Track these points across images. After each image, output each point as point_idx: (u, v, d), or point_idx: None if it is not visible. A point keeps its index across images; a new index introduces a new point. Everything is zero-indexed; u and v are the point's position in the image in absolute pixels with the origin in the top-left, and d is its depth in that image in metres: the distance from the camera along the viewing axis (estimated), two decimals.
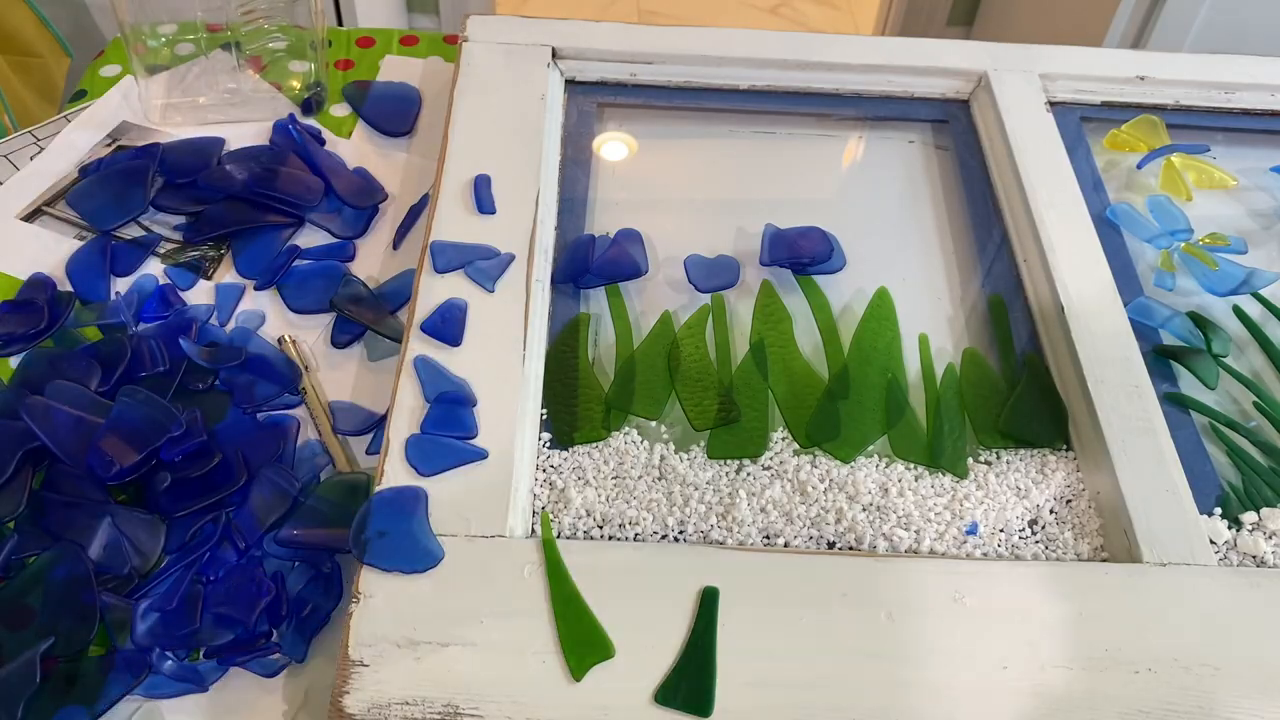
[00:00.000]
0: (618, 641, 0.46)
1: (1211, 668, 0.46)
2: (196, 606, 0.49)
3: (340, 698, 0.43)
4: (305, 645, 0.49)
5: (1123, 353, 0.59)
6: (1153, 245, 0.69)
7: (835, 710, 0.44)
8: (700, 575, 0.48)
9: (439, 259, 0.60)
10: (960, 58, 0.78)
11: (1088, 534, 0.54)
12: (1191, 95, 0.79)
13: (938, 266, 0.69)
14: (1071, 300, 0.62)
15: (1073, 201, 0.68)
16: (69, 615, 0.48)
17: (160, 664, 0.47)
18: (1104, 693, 0.45)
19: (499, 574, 0.48)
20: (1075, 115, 0.77)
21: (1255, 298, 0.66)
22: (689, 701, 0.44)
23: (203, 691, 0.47)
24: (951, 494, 0.55)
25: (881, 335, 0.63)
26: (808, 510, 0.54)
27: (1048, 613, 0.47)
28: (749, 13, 2.38)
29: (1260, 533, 0.54)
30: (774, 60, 0.78)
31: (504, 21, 0.78)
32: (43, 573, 0.49)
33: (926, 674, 0.45)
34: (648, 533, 0.52)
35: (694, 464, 0.56)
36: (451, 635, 0.45)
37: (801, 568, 0.49)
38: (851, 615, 0.47)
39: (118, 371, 0.57)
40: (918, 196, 0.74)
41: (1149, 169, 0.74)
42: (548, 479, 0.54)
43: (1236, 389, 0.61)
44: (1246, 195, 0.75)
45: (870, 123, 0.79)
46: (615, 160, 0.75)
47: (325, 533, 0.52)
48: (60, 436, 0.53)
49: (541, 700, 0.44)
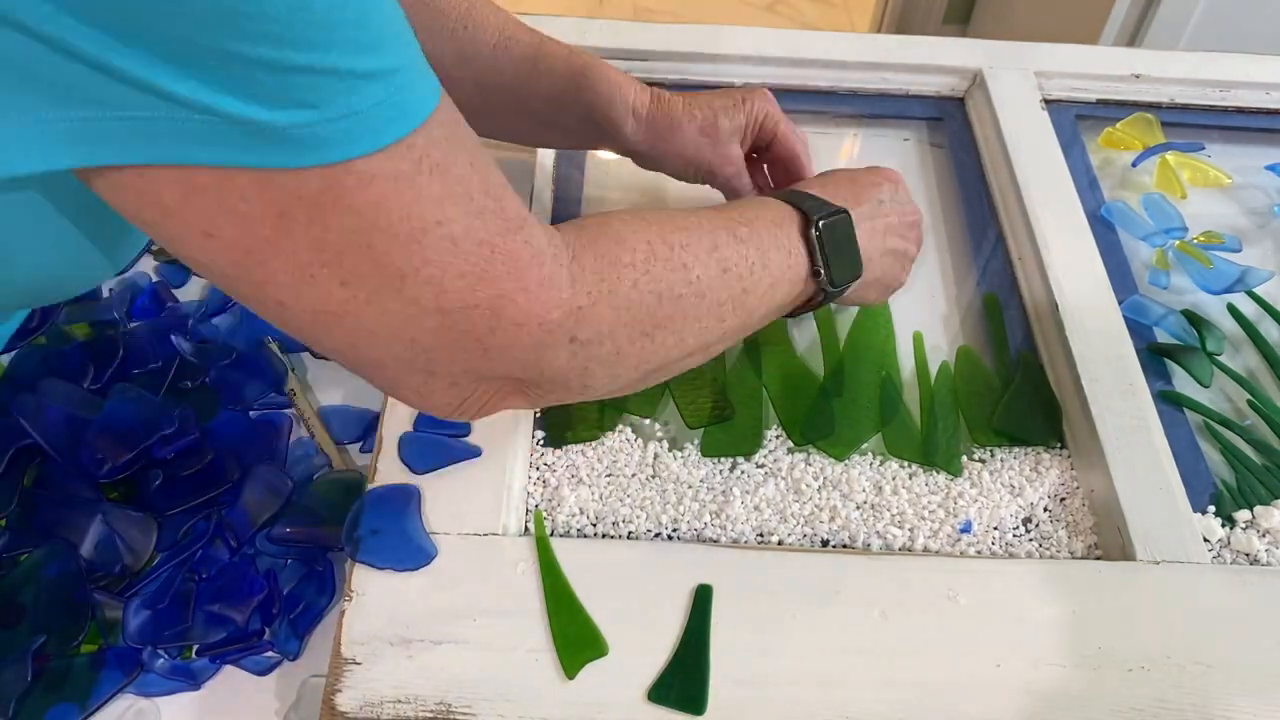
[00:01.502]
0: (611, 640, 0.46)
1: (1204, 665, 0.46)
2: (189, 604, 0.49)
3: (332, 695, 0.43)
4: (299, 642, 0.48)
5: (1117, 351, 0.59)
6: (1147, 243, 0.69)
7: (829, 708, 0.44)
8: (694, 573, 0.48)
9: None
10: (956, 55, 0.78)
11: (1081, 532, 0.54)
12: (1186, 93, 0.79)
13: (932, 264, 0.69)
14: (1066, 298, 0.62)
15: (1067, 199, 0.68)
16: (61, 613, 0.47)
17: (153, 662, 0.47)
18: (1097, 690, 0.45)
19: (492, 572, 0.48)
20: (1070, 113, 0.77)
21: (1250, 296, 0.66)
22: (682, 699, 0.44)
23: (195, 690, 0.47)
24: (945, 492, 0.55)
25: (876, 333, 0.63)
26: (801, 508, 0.54)
27: (1041, 610, 0.47)
28: (745, 10, 2.38)
29: (1254, 531, 0.54)
30: (770, 58, 0.77)
31: None
32: (34, 570, 0.49)
33: (920, 672, 0.45)
34: (641, 531, 0.52)
35: (688, 462, 0.56)
36: (444, 633, 0.45)
37: (795, 566, 0.49)
38: (845, 613, 0.47)
39: (109, 369, 0.57)
40: (913, 194, 0.73)
41: (1144, 167, 0.74)
42: (541, 477, 0.54)
43: (1231, 387, 0.61)
44: (1241, 193, 0.75)
45: (866, 120, 0.79)
46: (609, 159, 0.75)
47: (318, 530, 0.51)
48: (52, 434, 0.52)
49: (534, 698, 0.44)
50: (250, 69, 0.28)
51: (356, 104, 0.31)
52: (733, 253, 0.46)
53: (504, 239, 0.37)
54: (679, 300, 0.44)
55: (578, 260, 0.41)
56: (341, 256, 0.33)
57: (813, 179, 0.56)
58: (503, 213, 0.37)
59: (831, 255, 0.50)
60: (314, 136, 0.30)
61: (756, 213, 0.49)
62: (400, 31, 0.33)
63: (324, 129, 0.30)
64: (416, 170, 0.34)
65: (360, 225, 0.33)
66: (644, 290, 0.43)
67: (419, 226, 0.34)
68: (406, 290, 0.35)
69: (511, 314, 0.38)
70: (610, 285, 0.42)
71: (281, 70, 0.29)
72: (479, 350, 0.38)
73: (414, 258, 0.34)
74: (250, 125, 0.29)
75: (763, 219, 0.48)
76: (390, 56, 0.32)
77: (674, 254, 0.44)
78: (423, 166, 0.34)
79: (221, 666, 0.48)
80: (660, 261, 0.43)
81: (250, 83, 0.29)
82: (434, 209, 0.34)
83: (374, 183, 0.33)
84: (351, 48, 0.30)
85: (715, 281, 0.46)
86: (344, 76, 0.30)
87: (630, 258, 0.43)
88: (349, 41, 0.30)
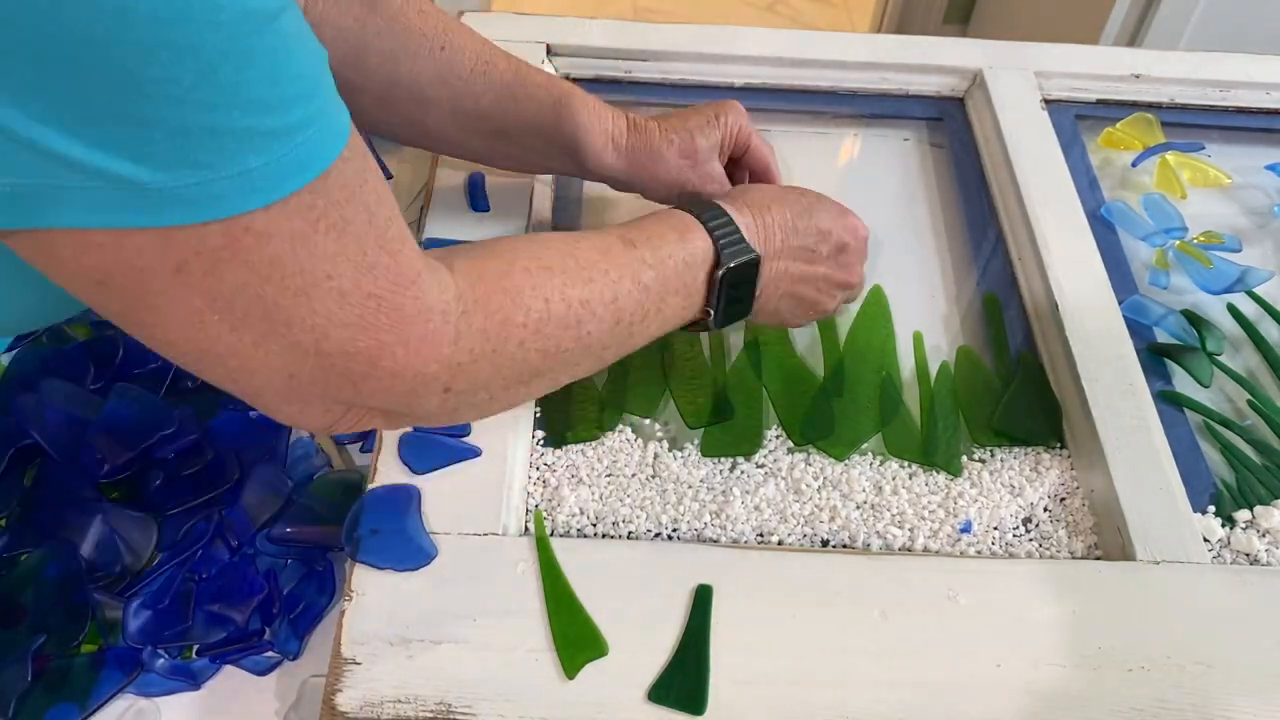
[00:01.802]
0: (611, 639, 0.46)
1: (1205, 665, 0.46)
2: (189, 604, 0.49)
3: (333, 695, 0.43)
4: (299, 642, 0.48)
5: (1117, 351, 0.59)
6: (1147, 243, 0.69)
7: (829, 708, 0.44)
8: (694, 573, 0.48)
9: None
10: (956, 55, 0.78)
11: (1081, 532, 0.54)
12: (1186, 93, 0.79)
13: (932, 264, 0.69)
14: (1066, 298, 0.62)
15: (1067, 199, 0.68)
16: (61, 613, 0.47)
17: (153, 662, 0.47)
18: (1097, 690, 0.45)
19: (492, 572, 0.48)
20: (1070, 113, 0.77)
21: (1249, 296, 0.66)
22: (682, 699, 0.44)
23: (196, 689, 0.47)
24: (945, 492, 0.55)
25: (876, 333, 0.63)
26: (801, 508, 0.54)
27: (1041, 610, 0.47)
28: (745, 10, 2.38)
29: (1254, 531, 0.54)
30: (770, 58, 0.77)
31: (499, 18, 0.78)
32: (35, 570, 0.49)
33: (920, 672, 0.45)
34: (641, 531, 0.52)
35: (688, 462, 0.56)
36: (444, 633, 0.45)
37: (795, 566, 0.49)
38: (845, 613, 0.47)
39: (110, 369, 0.57)
40: (913, 194, 0.74)
41: (1144, 167, 0.74)
42: (541, 477, 0.54)
43: (1231, 387, 0.61)
44: (1241, 193, 0.75)
45: (866, 120, 0.79)
46: None
47: (318, 530, 0.51)
48: (52, 434, 0.52)
49: (534, 698, 0.44)
50: (147, 130, 0.28)
51: (253, 161, 0.30)
52: (631, 302, 0.46)
53: (393, 293, 0.37)
54: (564, 354, 0.45)
55: (467, 317, 0.40)
56: (233, 305, 0.34)
57: (767, 192, 0.54)
58: (396, 267, 0.37)
59: (728, 300, 0.50)
60: (207, 194, 0.30)
61: (670, 252, 0.48)
62: (313, 82, 0.32)
63: (218, 185, 0.30)
64: (314, 230, 0.34)
65: (254, 279, 0.33)
66: (530, 349, 0.43)
67: (310, 281, 0.34)
68: (291, 335, 0.35)
69: (388, 364, 0.38)
70: (495, 345, 0.41)
71: (181, 132, 0.28)
72: (352, 389, 0.38)
73: (301, 308, 0.35)
74: (142, 188, 0.29)
75: (675, 258, 0.48)
76: (297, 111, 0.31)
77: (570, 312, 0.44)
78: (320, 226, 0.34)
79: (221, 666, 0.48)
80: (554, 321, 0.43)
81: (145, 143, 0.28)
82: (327, 264, 0.35)
83: (271, 241, 0.33)
84: (255, 107, 0.30)
85: (604, 333, 0.46)
86: (243, 135, 0.30)
87: (523, 318, 0.42)
88: (253, 102, 0.30)
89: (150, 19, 0.27)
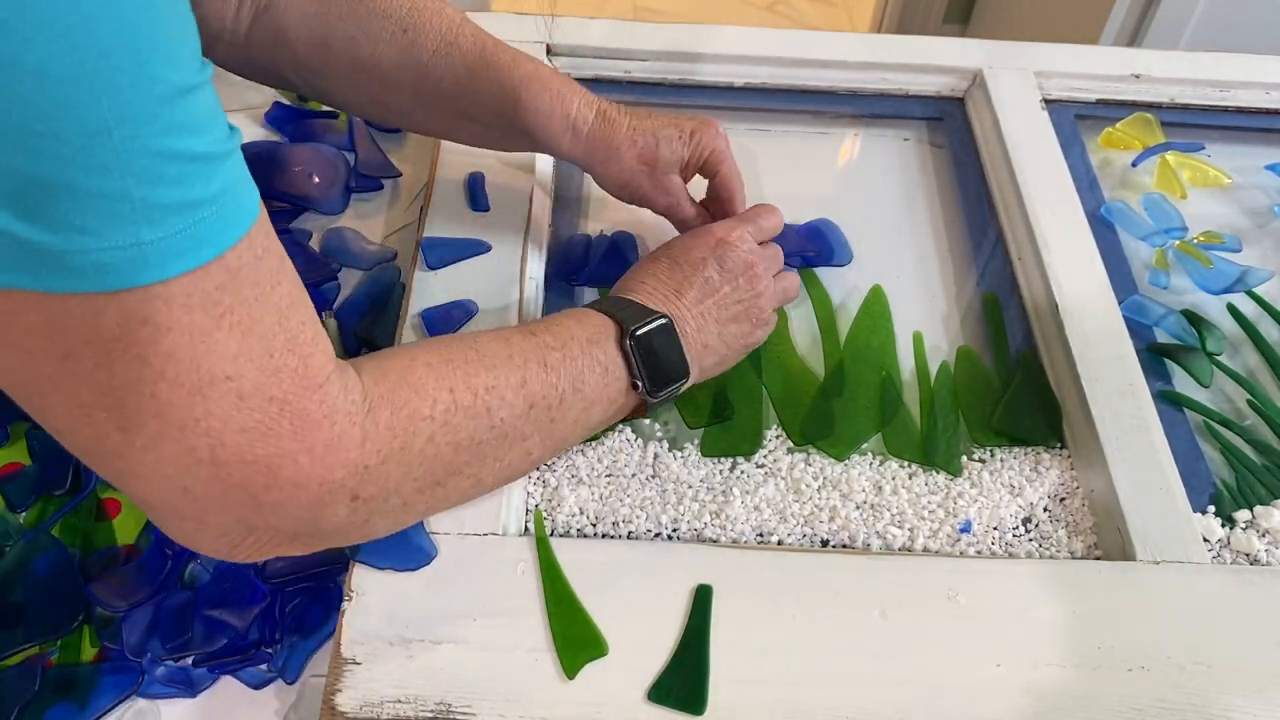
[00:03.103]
0: (611, 639, 0.46)
1: (1205, 665, 0.46)
2: (188, 614, 0.48)
3: (332, 695, 0.43)
4: (298, 670, 0.48)
5: (1117, 351, 0.59)
6: (1147, 243, 0.69)
7: (829, 708, 0.44)
8: (693, 573, 0.48)
9: (431, 256, 0.60)
10: (956, 55, 0.78)
11: (1081, 532, 0.54)
12: (1186, 93, 0.79)
13: (932, 264, 0.69)
14: (1066, 298, 0.62)
15: (1067, 199, 0.68)
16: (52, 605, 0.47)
17: (152, 669, 0.47)
18: (1097, 690, 0.45)
19: (492, 572, 0.48)
20: (1070, 113, 0.77)
21: (1249, 296, 0.66)
22: (682, 699, 0.44)
23: (192, 698, 0.47)
24: (945, 492, 0.55)
25: (876, 333, 0.63)
26: (801, 508, 0.54)
27: (1041, 610, 0.47)
28: (745, 10, 2.38)
29: (1254, 531, 0.54)
30: (769, 57, 0.77)
31: (498, 18, 0.78)
32: (22, 563, 0.49)
33: (920, 672, 0.45)
34: (641, 531, 0.52)
35: (687, 462, 0.56)
36: (444, 633, 0.45)
37: (795, 566, 0.49)
38: (845, 613, 0.47)
39: None
40: (913, 194, 0.74)
41: (1144, 167, 0.74)
42: (541, 477, 0.54)
43: (1231, 387, 0.61)
44: (1241, 193, 0.75)
45: (865, 120, 0.79)
46: None
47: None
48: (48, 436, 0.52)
49: (534, 698, 0.44)
50: (29, 187, 0.27)
51: (147, 234, 0.29)
52: (540, 385, 0.45)
53: (297, 396, 0.35)
54: (479, 446, 0.43)
55: (373, 415, 0.39)
56: (123, 402, 0.32)
57: (635, 270, 0.55)
58: (303, 369, 0.35)
59: (651, 365, 0.49)
60: (94, 264, 0.28)
61: (572, 333, 0.48)
62: (219, 160, 0.31)
63: (107, 255, 0.28)
64: (216, 326, 0.32)
65: (147, 375, 0.31)
66: (440, 443, 0.41)
67: (207, 380, 0.32)
68: (185, 440, 0.33)
69: (290, 474, 0.36)
70: (404, 441, 0.40)
71: (64, 193, 0.27)
72: (251, 504, 0.36)
73: (196, 409, 0.33)
74: (29, 245, 0.27)
75: (578, 339, 0.47)
76: (200, 188, 0.30)
77: (477, 399, 0.42)
78: (224, 323, 0.32)
79: (220, 676, 0.47)
80: (462, 410, 0.42)
81: (27, 200, 0.27)
82: (227, 364, 0.33)
83: (169, 335, 0.31)
84: (149, 178, 0.28)
85: (520, 420, 0.44)
86: (136, 205, 0.28)
87: (429, 410, 0.41)
88: (147, 171, 0.28)
89: (37, 72, 0.25)
